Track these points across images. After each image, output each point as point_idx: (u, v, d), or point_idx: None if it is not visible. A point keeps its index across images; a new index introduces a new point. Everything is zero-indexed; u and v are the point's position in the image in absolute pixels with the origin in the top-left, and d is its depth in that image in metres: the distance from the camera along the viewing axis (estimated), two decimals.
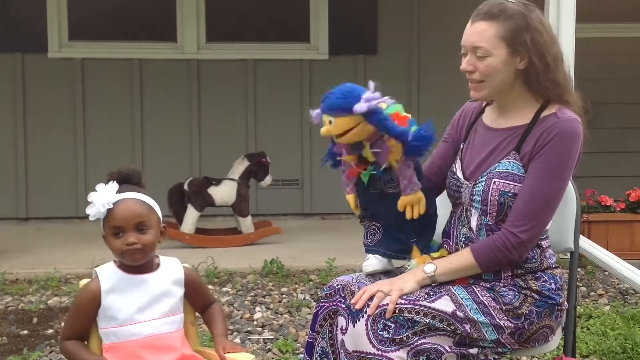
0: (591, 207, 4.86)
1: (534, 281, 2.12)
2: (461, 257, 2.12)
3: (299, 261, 4.69)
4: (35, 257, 4.85)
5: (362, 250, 2.28)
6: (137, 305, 1.92)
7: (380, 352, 1.98)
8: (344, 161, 2.15)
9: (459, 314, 2.04)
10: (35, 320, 3.69)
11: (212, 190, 5.23)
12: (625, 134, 6.29)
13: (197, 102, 6.16)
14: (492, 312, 2.07)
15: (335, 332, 2.16)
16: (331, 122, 2.06)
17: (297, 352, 3.21)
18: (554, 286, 2.13)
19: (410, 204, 2.13)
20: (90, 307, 1.92)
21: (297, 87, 6.21)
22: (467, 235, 2.16)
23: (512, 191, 2.09)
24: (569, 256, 2.35)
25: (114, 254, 1.95)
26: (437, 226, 2.27)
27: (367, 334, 2.00)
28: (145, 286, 1.94)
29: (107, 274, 1.95)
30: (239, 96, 6.19)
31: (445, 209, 2.29)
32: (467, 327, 2.05)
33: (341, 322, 2.10)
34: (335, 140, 2.11)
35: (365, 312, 2.02)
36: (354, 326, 2.03)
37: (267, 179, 5.36)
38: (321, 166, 2.24)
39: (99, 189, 1.92)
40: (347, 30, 6.16)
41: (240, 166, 5.33)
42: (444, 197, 2.32)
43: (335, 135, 2.07)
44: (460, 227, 2.19)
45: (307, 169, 6.23)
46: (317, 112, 2.11)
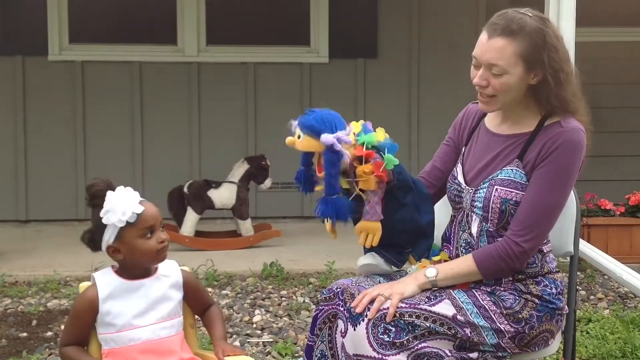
0: (591, 211, 4.87)
1: (534, 286, 2.12)
2: (463, 263, 2.12)
3: (299, 264, 4.69)
4: (34, 260, 4.85)
5: (362, 254, 2.28)
6: (135, 310, 1.91)
7: (380, 356, 1.97)
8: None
9: (460, 317, 2.04)
10: (34, 322, 3.68)
11: (212, 193, 5.24)
12: (624, 138, 6.29)
13: (197, 105, 6.16)
14: (493, 316, 2.07)
15: (334, 335, 2.15)
16: (300, 137, 2.09)
17: (297, 355, 3.21)
18: (554, 291, 2.13)
19: (366, 231, 2.10)
20: (88, 314, 1.92)
21: (297, 90, 6.21)
22: (468, 240, 2.17)
23: (513, 199, 2.08)
24: (568, 260, 2.35)
25: (143, 257, 1.91)
26: (436, 230, 2.27)
27: (368, 338, 1.99)
28: (143, 291, 1.94)
29: (105, 280, 1.94)
30: (239, 99, 6.20)
31: (445, 213, 2.29)
32: (468, 331, 2.05)
33: (341, 325, 2.10)
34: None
35: (365, 316, 2.02)
36: (354, 329, 2.03)
37: (267, 182, 5.37)
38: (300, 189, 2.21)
39: (116, 195, 1.89)
40: (348, 33, 6.16)
41: (240, 169, 5.33)
42: (444, 200, 2.32)
43: (297, 147, 2.10)
44: (460, 232, 2.19)
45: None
46: (295, 123, 2.14)
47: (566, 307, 2.19)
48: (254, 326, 3.62)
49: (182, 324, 2.01)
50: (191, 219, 5.18)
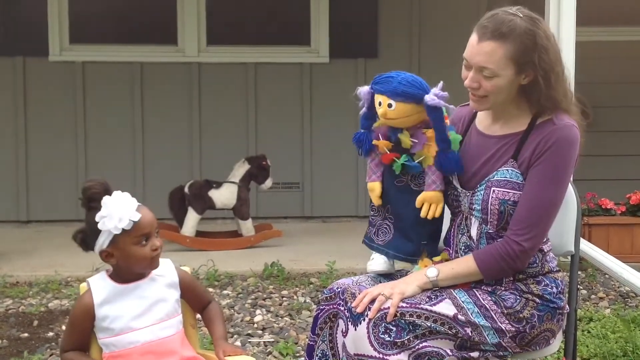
0: (592, 210, 4.87)
1: (535, 285, 2.12)
2: (463, 263, 2.12)
3: (300, 264, 4.69)
4: (35, 260, 4.86)
5: (363, 253, 2.27)
6: (132, 313, 1.90)
7: (381, 356, 1.97)
8: (376, 145, 2.16)
9: (461, 317, 2.04)
10: (35, 323, 3.69)
11: (213, 193, 5.24)
12: (625, 137, 6.29)
13: (197, 105, 6.16)
14: (494, 316, 2.07)
15: (335, 334, 2.16)
16: (391, 106, 2.08)
17: (298, 354, 3.21)
18: (555, 290, 2.13)
19: (429, 202, 2.14)
20: (85, 320, 1.91)
21: (297, 90, 6.21)
22: (467, 243, 2.16)
23: (511, 199, 2.08)
24: (569, 259, 2.35)
25: (136, 264, 1.90)
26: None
27: (369, 337, 1.99)
28: (139, 293, 1.92)
29: (100, 285, 1.93)
30: (240, 99, 6.20)
31: (445, 216, 2.29)
32: (469, 330, 2.05)
33: (342, 325, 2.10)
34: (381, 118, 2.12)
35: (366, 315, 2.02)
36: (355, 329, 2.03)
37: (268, 182, 5.37)
38: (359, 152, 2.22)
39: (113, 200, 1.86)
40: (348, 33, 6.16)
41: (240, 169, 5.33)
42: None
43: (388, 117, 2.09)
44: (460, 235, 2.19)
45: (307, 172, 6.23)
46: (367, 90, 2.15)
47: (567, 306, 2.19)
48: (255, 326, 3.62)
49: (182, 322, 2.00)
50: (192, 219, 5.18)
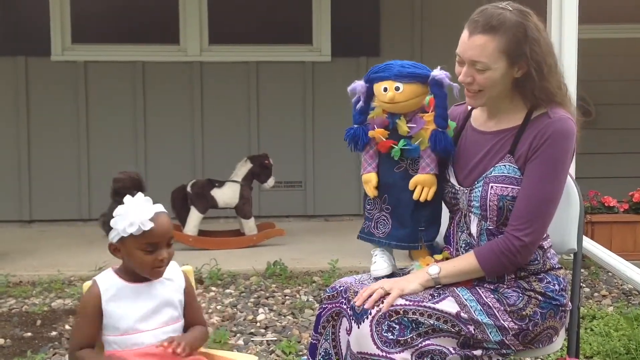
0: (594, 208, 4.86)
1: (537, 283, 2.12)
2: (465, 260, 2.12)
3: (302, 263, 4.69)
4: (38, 260, 4.86)
5: (365, 251, 2.27)
6: (139, 314, 1.90)
7: (384, 354, 1.98)
8: (372, 136, 2.17)
9: (463, 315, 2.04)
10: (38, 322, 3.69)
11: (215, 192, 5.24)
12: (628, 135, 6.27)
13: (199, 104, 6.17)
14: (497, 314, 2.07)
15: (338, 333, 2.16)
16: (398, 89, 2.11)
17: (301, 353, 3.22)
18: (557, 287, 2.13)
19: (422, 185, 2.15)
20: (94, 315, 1.89)
21: (299, 89, 6.21)
22: (467, 241, 2.16)
23: (510, 194, 2.08)
24: (572, 257, 2.34)
25: (137, 268, 1.89)
26: (438, 233, 2.27)
27: (372, 335, 1.99)
28: (147, 295, 1.92)
29: (107, 283, 1.91)
30: (242, 98, 6.20)
31: (445, 214, 2.29)
32: (471, 328, 2.05)
33: (345, 323, 2.10)
34: (384, 107, 2.15)
35: (369, 313, 2.02)
36: (358, 327, 2.03)
37: (270, 181, 5.37)
38: (351, 149, 2.23)
39: (132, 202, 1.85)
40: (350, 32, 6.16)
41: (243, 168, 5.33)
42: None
43: (396, 101, 2.11)
44: (460, 233, 2.19)
45: (309, 170, 6.23)
46: (363, 84, 2.17)
47: (569, 303, 2.19)
48: (258, 325, 3.62)
49: (183, 328, 1.98)
50: (194, 218, 5.19)
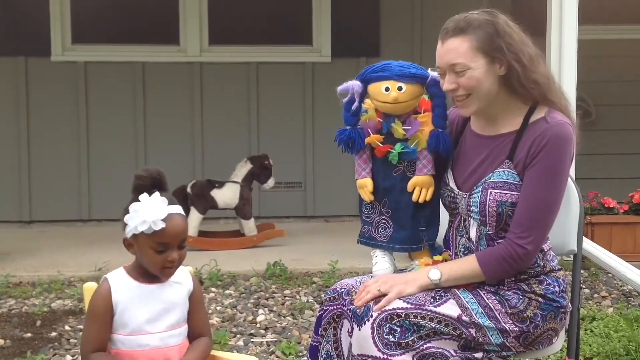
0: (594, 209, 4.86)
1: (537, 285, 2.11)
2: (466, 265, 2.11)
3: (302, 264, 4.69)
4: (38, 260, 4.86)
5: (365, 252, 2.27)
6: (148, 315, 1.88)
7: (385, 356, 1.97)
8: (368, 142, 2.18)
9: (465, 318, 2.04)
10: (38, 323, 3.69)
11: (215, 193, 5.24)
12: (628, 136, 6.27)
13: (199, 105, 6.17)
14: (498, 316, 2.07)
15: (339, 335, 2.16)
16: (401, 89, 2.13)
17: (300, 354, 3.21)
18: (557, 289, 2.13)
19: (420, 186, 2.17)
20: (106, 313, 1.86)
21: (299, 89, 6.21)
22: (467, 245, 2.16)
23: (509, 200, 2.08)
24: (572, 258, 2.34)
25: (148, 266, 1.88)
26: (438, 233, 2.28)
27: (373, 338, 1.99)
28: (157, 296, 1.90)
29: (119, 281, 1.90)
30: (242, 99, 6.20)
31: (445, 216, 2.29)
32: (473, 331, 2.05)
33: (347, 325, 2.10)
34: (381, 107, 2.16)
35: (370, 316, 2.02)
36: (360, 329, 2.03)
37: (270, 182, 5.37)
38: (342, 150, 2.24)
39: (147, 201, 1.84)
40: (350, 32, 6.17)
41: (243, 169, 5.34)
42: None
43: (399, 101, 2.12)
44: (458, 237, 2.19)
45: (309, 171, 6.23)
46: (358, 84, 2.20)
47: (569, 304, 2.19)
48: (258, 326, 3.62)
49: (187, 332, 1.97)
50: (194, 218, 5.19)
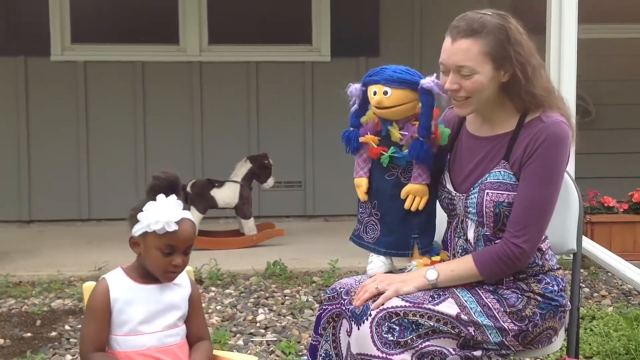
0: (594, 208, 4.86)
1: (536, 284, 2.12)
2: (463, 265, 2.11)
3: (302, 263, 4.69)
4: (38, 260, 4.86)
5: (365, 251, 2.27)
6: (144, 316, 1.88)
7: (384, 355, 1.97)
8: (364, 141, 2.17)
9: (463, 316, 2.04)
10: (38, 322, 3.69)
11: (215, 192, 5.24)
12: (628, 135, 6.27)
13: (199, 104, 6.17)
14: (496, 315, 2.07)
15: (338, 334, 2.16)
16: (387, 93, 2.09)
17: (300, 353, 3.22)
18: (556, 288, 2.13)
19: (414, 195, 2.16)
20: (104, 312, 1.87)
21: (299, 89, 6.21)
22: (464, 247, 2.16)
23: (506, 201, 2.08)
24: (572, 257, 2.35)
25: (151, 267, 1.89)
26: (436, 232, 2.27)
27: (372, 337, 1.99)
28: (155, 297, 1.91)
29: (117, 281, 1.90)
30: (242, 98, 6.20)
31: (443, 217, 2.28)
32: (471, 330, 2.05)
33: (346, 324, 2.11)
34: (374, 109, 2.14)
35: (369, 315, 2.02)
36: (359, 328, 2.03)
37: (270, 181, 5.37)
38: (346, 150, 2.24)
39: (164, 201, 1.86)
40: (349, 32, 6.16)
41: (242, 168, 5.34)
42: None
43: (384, 106, 2.10)
44: (456, 238, 2.19)
45: (309, 170, 6.23)
46: (359, 87, 2.16)
47: (568, 303, 2.19)
48: (258, 325, 3.62)
49: (186, 333, 1.97)
50: (194, 218, 5.14)
